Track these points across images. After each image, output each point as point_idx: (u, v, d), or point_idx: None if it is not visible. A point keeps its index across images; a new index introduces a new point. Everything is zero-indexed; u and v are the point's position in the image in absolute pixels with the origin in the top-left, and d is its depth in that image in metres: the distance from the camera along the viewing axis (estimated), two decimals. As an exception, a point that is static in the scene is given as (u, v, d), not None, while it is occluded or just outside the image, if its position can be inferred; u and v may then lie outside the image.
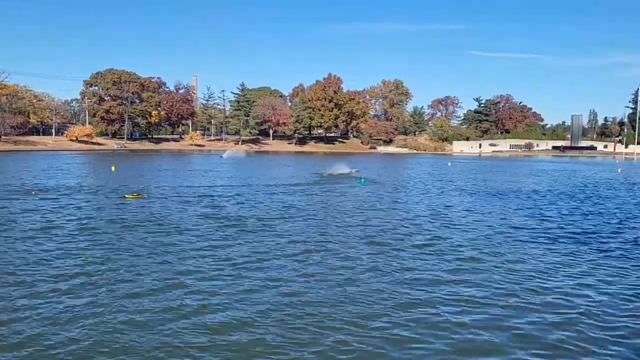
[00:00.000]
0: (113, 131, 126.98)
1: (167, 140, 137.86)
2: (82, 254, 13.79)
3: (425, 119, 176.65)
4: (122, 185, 32.80)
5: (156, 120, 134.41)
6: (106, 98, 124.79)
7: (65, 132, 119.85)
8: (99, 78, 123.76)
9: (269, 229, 18.24)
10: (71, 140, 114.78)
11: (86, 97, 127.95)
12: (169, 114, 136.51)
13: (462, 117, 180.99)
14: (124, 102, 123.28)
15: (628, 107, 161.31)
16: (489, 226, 19.77)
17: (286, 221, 20.02)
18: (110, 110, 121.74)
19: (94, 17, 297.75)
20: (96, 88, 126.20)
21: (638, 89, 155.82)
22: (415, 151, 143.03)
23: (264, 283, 11.51)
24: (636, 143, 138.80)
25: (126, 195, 26.59)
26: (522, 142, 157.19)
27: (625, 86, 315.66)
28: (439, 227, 19.34)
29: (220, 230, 17.75)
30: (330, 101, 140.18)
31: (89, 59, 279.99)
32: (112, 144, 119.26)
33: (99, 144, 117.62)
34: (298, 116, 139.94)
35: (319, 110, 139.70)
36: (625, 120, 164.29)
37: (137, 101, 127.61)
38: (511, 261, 14.00)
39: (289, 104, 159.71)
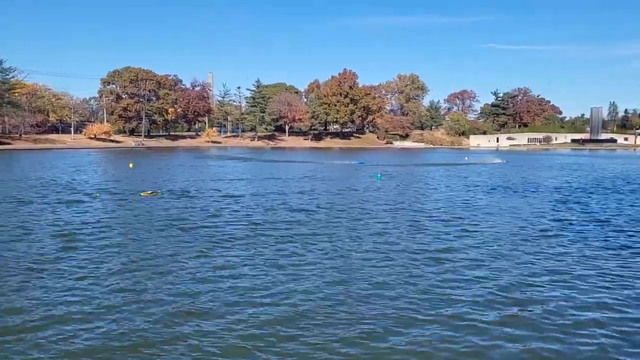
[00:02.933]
0: (130, 129, 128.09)
1: (184, 137, 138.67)
2: (106, 249, 13.92)
3: (442, 113, 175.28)
4: (139, 182, 33.13)
5: (173, 118, 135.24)
6: (123, 96, 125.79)
7: (84, 130, 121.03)
8: (116, 76, 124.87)
9: (283, 224, 18.16)
10: (90, 138, 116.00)
11: (104, 95, 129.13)
12: (186, 111, 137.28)
13: (479, 111, 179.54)
14: (141, 99, 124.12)
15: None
16: (517, 226, 19.42)
17: (305, 218, 19.94)
18: (128, 108, 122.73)
19: (110, 17, 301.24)
20: (114, 86, 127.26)
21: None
22: (431, 146, 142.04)
23: (280, 277, 11.46)
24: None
25: (142, 193, 26.80)
26: (540, 135, 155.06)
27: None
28: (460, 227, 19.07)
29: (231, 226, 17.74)
30: (346, 96, 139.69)
31: (106, 58, 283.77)
32: (129, 141, 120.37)
33: (116, 141, 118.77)
34: (314, 112, 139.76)
35: (335, 105, 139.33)
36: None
37: (154, 99, 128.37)
38: (543, 266, 13.71)
39: (305, 100, 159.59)
